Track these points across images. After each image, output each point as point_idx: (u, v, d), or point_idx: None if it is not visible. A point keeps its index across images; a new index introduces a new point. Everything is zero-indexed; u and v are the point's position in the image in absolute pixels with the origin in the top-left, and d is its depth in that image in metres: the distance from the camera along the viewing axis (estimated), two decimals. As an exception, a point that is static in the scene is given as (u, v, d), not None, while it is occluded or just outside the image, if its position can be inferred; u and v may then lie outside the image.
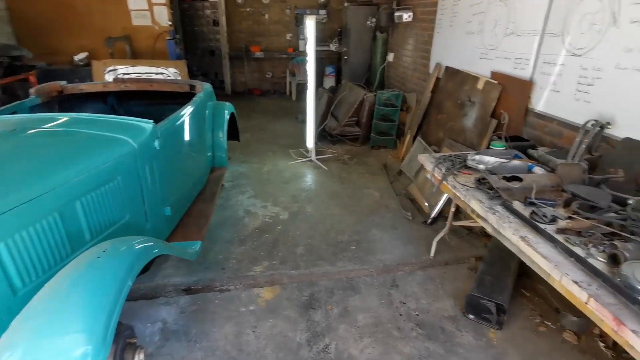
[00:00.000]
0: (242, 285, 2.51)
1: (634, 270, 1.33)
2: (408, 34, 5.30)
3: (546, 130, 2.71)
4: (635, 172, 1.92)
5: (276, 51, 8.30)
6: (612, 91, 2.15)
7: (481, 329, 2.15)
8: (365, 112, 4.99)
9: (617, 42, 2.11)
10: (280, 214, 3.39)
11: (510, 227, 1.74)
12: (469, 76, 3.60)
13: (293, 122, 6.30)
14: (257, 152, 4.92)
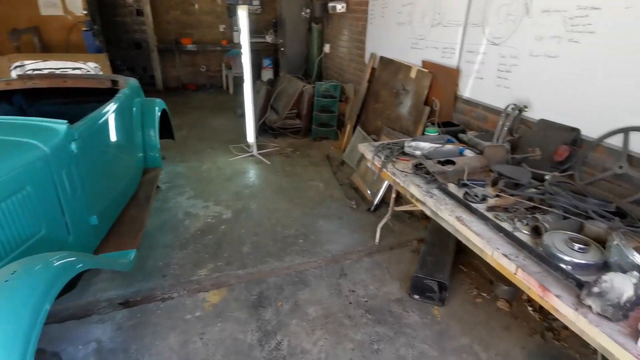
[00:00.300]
0: (186, 292, 2.38)
1: (554, 240, 1.47)
2: (342, 25, 5.34)
3: (473, 115, 2.89)
4: (550, 150, 2.11)
5: (209, 43, 7.94)
6: (528, 77, 2.34)
7: (426, 308, 2.25)
8: (305, 104, 4.96)
9: (529, 30, 2.29)
10: (223, 213, 3.26)
11: (446, 208, 1.82)
12: (402, 65, 3.72)
13: (232, 116, 6.09)
14: (194, 149, 4.69)
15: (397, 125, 3.68)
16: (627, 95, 1.79)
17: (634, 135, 1.78)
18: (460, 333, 2.08)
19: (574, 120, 2.07)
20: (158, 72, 7.66)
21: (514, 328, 2.12)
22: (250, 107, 4.28)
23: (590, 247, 1.41)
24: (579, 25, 1.97)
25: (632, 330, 1.12)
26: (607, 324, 1.16)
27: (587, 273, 1.34)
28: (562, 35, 2.07)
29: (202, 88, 8.22)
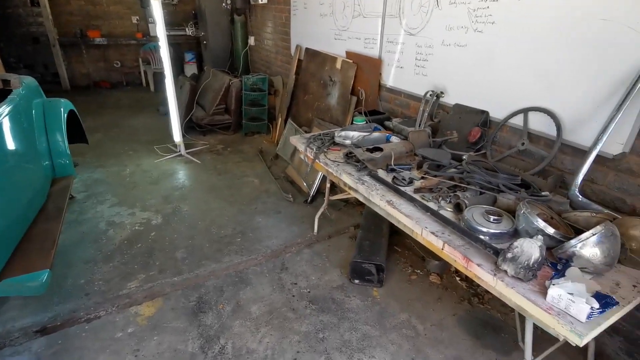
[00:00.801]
0: (115, 308, 2.19)
1: (473, 214, 1.60)
2: (266, 17, 5.24)
3: (397, 102, 3.03)
4: (465, 132, 2.29)
5: (122, 36, 7.30)
6: (442, 65, 2.50)
7: (366, 290, 2.34)
8: (233, 99, 4.80)
9: (440, 21, 2.44)
10: (152, 218, 3.05)
11: (377, 194, 1.89)
12: (327, 57, 3.76)
13: (154, 115, 5.69)
14: (114, 153, 4.30)
15: (327, 116, 3.73)
16: (525, 79, 2.00)
17: (532, 115, 2.00)
18: (398, 310, 2.20)
19: (483, 103, 2.27)
20: (62, 69, 6.86)
21: (445, 298, 2.29)
22: (174, 104, 4.03)
23: (503, 218, 1.57)
24: (482, 16, 2.15)
25: (541, 287, 1.27)
26: (520, 284, 1.29)
27: (501, 241, 1.49)
28: (468, 26, 2.24)
29: (118, 86, 7.54)
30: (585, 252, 1.28)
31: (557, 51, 1.82)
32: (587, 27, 1.68)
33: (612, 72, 1.62)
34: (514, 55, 2.03)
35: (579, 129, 1.80)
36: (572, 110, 1.81)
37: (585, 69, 1.72)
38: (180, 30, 7.17)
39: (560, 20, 1.78)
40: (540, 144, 2.02)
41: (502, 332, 2.06)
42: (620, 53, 1.58)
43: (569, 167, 1.90)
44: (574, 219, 1.52)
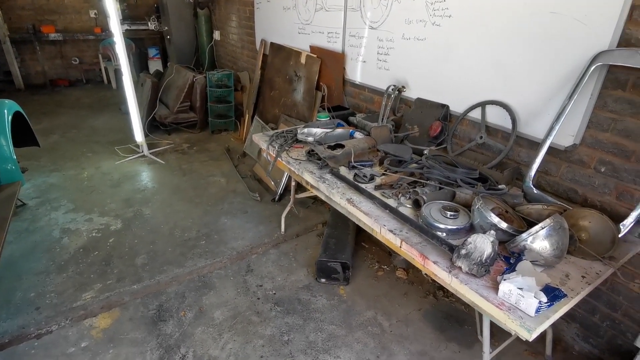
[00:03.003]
0: (68, 321, 2.07)
1: (430, 210, 1.59)
2: (230, 10, 5.09)
3: (361, 97, 3.00)
4: (426, 127, 2.29)
5: (79, 32, 6.93)
6: (403, 58, 2.49)
7: (332, 289, 2.31)
8: (198, 96, 4.65)
9: (400, 15, 2.42)
10: (110, 224, 2.91)
11: (338, 192, 1.85)
12: (292, 51, 3.69)
13: (116, 114, 5.45)
14: (71, 155, 4.08)
15: (294, 112, 3.67)
16: (482, 72, 2.00)
17: (489, 108, 2.01)
18: (365, 307, 2.19)
19: (444, 97, 2.27)
20: (15, 67, 6.45)
21: (411, 293, 2.29)
22: (134, 102, 3.85)
23: (460, 213, 1.56)
24: (439, 9, 2.13)
25: (494, 282, 1.27)
26: (474, 280, 1.29)
27: (459, 237, 1.49)
28: (427, 20, 2.23)
29: (77, 83, 7.18)
30: (536, 245, 1.29)
31: (511, 44, 1.82)
32: (537, 20, 1.69)
33: (562, 64, 1.64)
34: (471, 49, 2.03)
35: (533, 121, 1.82)
36: (526, 103, 1.83)
37: (537, 62, 1.74)
38: (142, 24, 6.89)
39: (513, 13, 1.78)
40: (498, 137, 2.04)
41: (465, 324, 2.09)
42: (569, 45, 1.60)
43: (525, 160, 1.93)
44: (527, 211, 1.54)
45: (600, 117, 1.60)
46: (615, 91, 1.54)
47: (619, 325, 1.76)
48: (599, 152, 1.63)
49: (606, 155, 1.61)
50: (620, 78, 1.51)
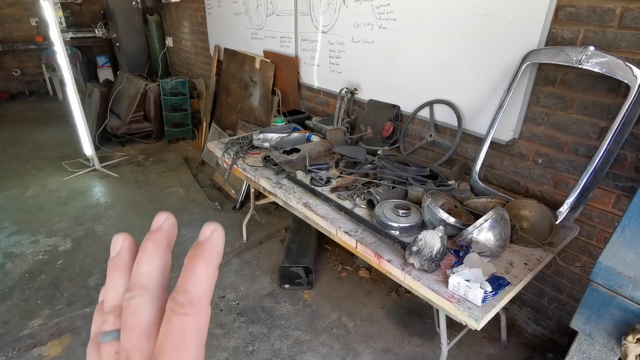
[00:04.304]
0: (15, 352, 1.93)
1: (383, 209, 1.62)
2: (181, 16, 4.96)
3: (317, 101, 3.02)
4: (379, 127, 2.34)
5: (20, 41, 6.50)
6: (354, 61, 2.53)
7: (296, 294, 2.30)
8: (152, 105, 4.49)
9: (348, 18, 2.46)
10: (59, 244, 2.74)
11: (294, 197, 1.85)
12: (246, 56, 3.65)
13: (64, 127, 5.14)
14: (13, 173, 3.81)
15: (252, 118, 3.63)
16: (428, 73, 2.08)
17: (437, 107, 2.09)
18: (329, 310, 2.19)
19: (394, 98, 2.33)
20: (-54, 80, 5.95)
21: (374, 292, 2.33)
22: (80, 114, 3.66)
23: (411, 211, 1.61)
24: (384, 13, 2.19)
25: (444, 277, 1.31)
26: (426, 276, 1.33)
27: (411, 234, 1.53)
28: (374, 23, 2.28)
29: (19, 96, 6.72)
30: (481, 237, 1.35)
31: (452, 45, 1.90)
32: (473, 23, 1.77)
33: (498, 64, 1.73)
34: (416, 50, 2.10)
35: (476, 118, 1.91)
36: (469, 100, 1.91)
37: (476, 62, 1.82)
38: (89, 31, 6.56)
39: (451, 16, 1.86)
40: (446, 134, 2.12)
41: (426, 317, 2.14)
42: (503, 46, 1.69)
43: (472, 155, 2.02)
44: (473, 205, 1.61)
45: (535, 112, 1.70)
46: (546, 87, 1.64)
47: (565, 306, 1.88)
48: (536, 145, 1.74)
49: (542, 147, 1.72)
50: (550, 75, 1.62)
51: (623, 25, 1.39)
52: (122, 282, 0.24)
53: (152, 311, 0.22)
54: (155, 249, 0.23)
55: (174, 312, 0.21)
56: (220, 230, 0.23)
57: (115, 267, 0.24)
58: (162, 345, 0.21)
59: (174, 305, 0.21)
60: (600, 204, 1.62)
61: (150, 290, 0.22)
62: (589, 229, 1.68)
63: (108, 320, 0.23)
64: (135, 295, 0.22)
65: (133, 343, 0.21)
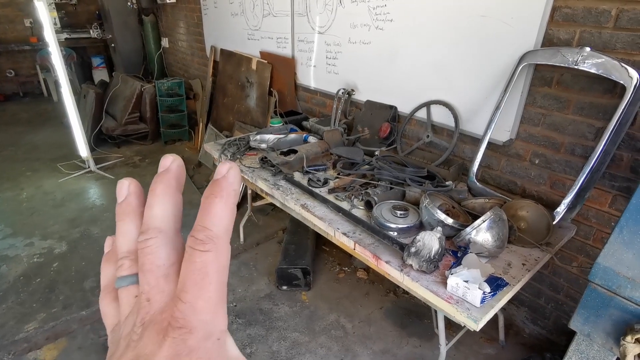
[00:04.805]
0: (10, 356, 1.91)
1: (381, 210, 1.62)
2: (177, 16, 4.94)
3: (314, 102, 3.02)
4: (377, 128, 2.34)
5: (14, 42, 6.45)
6: (351, 62, 2.53)
7: (294, 296, 2.30)
8: (148, 106, 4.47)
9: (345, 19, 2.45)
10: (54, 247, 2.72)
11: (292, 198, 1.84)
12: (242, 57, 3.64)
13: (58, 128, 5.10)
14: (8, 176, 3.78)
15: (248, 119, 3.62)
16: (425, 74, 2.08)
17: (434, 107, 2.09)
18: (327, 311, 2.19)
19: (391, 98, 2.33)
20: (-61, 82, 5.89)
21: (372, 292, 2.33)
22: (75, 115, 3.63)
23: (409, 212, 1.61)
24: (381, 14, 2.19)
25: (443, 277, 1.31)
26: (424, 277, 1.33)
27: (408, 235, 1.52)
28: (370, 24, 2.28)
29: (14, 97, 6.67)
30: (479, 238, 1.35)
31: (449, 46, 1.91)
32: (470, 24, 1.78)
33: (495, 65, 1.74)
34: (413, 51, 2.10)
35: (473, 118, 1.91)
36: (466, 101, 1.92)
37: (473, 63, 1.82)
38: (84, 32, 6.52)
39: (448, 17, 1.86)
40: (443, 135, 2.12)
41: (424, 318, 2.14)
42: (499, 47, 1.70)
43: (469, 156, 2.02)
44: (471, 206, 1.61)
45: (531, 112, 1.71)
46: (543, 88, 1.65)
47: (562, 306, 1.88)
48: (533, 145, 1.74)
49: (539, 148, 1.72)
50: (546, 76, 1.63)
51: (618, 27, 1.40)
52: (134, 226, 0.24)
53: (168, 252, 0.22)
54: (166, 191, 0.23)
55: (194, 250, 0.21)
56: (236, 168, 0.22)
57: (125, 213, 0.24)
58: (184, 283, 0.20)
59: (194, 242, 0.21)
60: (597, 204, 1.62)
61: (165, 232, 0.22)
62: (586, 229, 1.68)
63: (123, 265, 0.23)
64: (151, 237, 0.22)
65: (152, 284, 0.21)
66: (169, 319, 0.20)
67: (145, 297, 0.21)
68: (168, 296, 0.21)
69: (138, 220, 0.24)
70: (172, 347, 0.19)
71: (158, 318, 0.21)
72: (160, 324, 0.20)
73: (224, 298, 0.22)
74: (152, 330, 0.20)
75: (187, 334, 0.20)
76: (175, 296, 0.21)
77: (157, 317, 0.21)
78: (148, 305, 0.21)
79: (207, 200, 0.22)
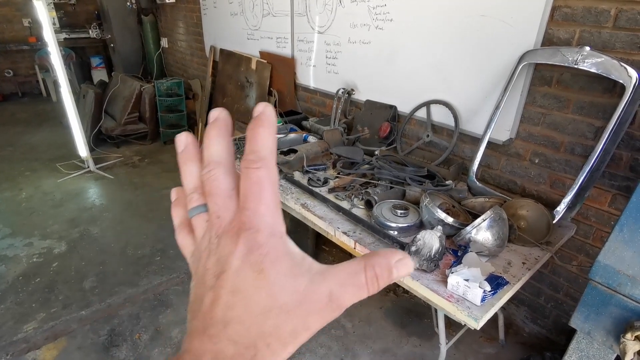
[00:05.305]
0: (9, 356, 1.91)
1: (382, 210, 1.62)
2: (176, 16, 4.94)
3: (314, 101, 3.02)
4: (376, 128, 2.34)
5: (12, 42, 6.44)
6: (350, 62, 2.53)
7: (294, 295, 2.29)
8: (147, 106, 4.46)
9: (345, 19, 2.46)
10: (54, 247, 2.71)
11: (292, 197, 1.85)
12: (242, 57, 3.64)
13: (57, 128, 5.10)
14: (6, 175, 3.77)
15: (248, 119, 3.61)
16: (425, 73, 2.08)
17: (434, 107, 2.09)
18: (327, 311, 2.19)
19: (391, 98, 2.33)
20: (-63, 82, 5.88)
21: (372, 292, 2.33)
22: (74, 115, 3.62)
23: (409, 211, 1.61)
24: (381, 13, 2.19)
25: (443, 276, 1.32)
26: (425, 276, 1.33)
27: (409, 234, 1.52)
28: (370, 23, 2.28)
29: (12, 97, 6.66)
30: (479, 237, 1.35)
31: (448, 46, 1.91)
32: (469, 23, 1.78)
33: (495, 64, 1.74)
34: (413, 51, 2.10)
35: (473, 118, 1.92)
36: (466, 101, 1.92)
37: (472, 62, 1.83)
38: (83, 32, 6.52)
39: (447, 17, 1.87)
40: (443, 134, 2.13)
41: (424, 317, 2.15)
42: (499, 46, 1.70)
43: (469, 155, 2.02)
44: (471, 205, 1.61)
45: (531, 112, 1.71)
46: (543, 87, 1.65)
47: (562, 305, 1.89)
48: (533, 144, 1.75)
49: (539, 147, 1.73)
50: (546, 75, 1.63)
51: (618, 26, 1.41)
52: (196, 168, 0.28)
53: (228, 179, 0.26)
54: (219, 133, 0.27)
55: (249, 169, 0.25)
56: (271, 106, 0.26)
57: (187, 158, 0.29)
58: (245, 196, 0.24)
59: (248, 163, 0.25)
60: (596, 203, 1.63)
61: (223, 164, 0.26)
62: (586, 228, 1.69)
63: (193, 198, 0.28)
64: (212, 168, 0.26)
65: (220, 204, 0.26)
66: (239, 224, 0.24)
67: (215, 215, 0.26)
68: (233, 212, 0.25)
69: (198, 162, 0.28)
70: (245, 244, 0.24)
71: (229, 227, 0.25)
72: (232, 231, 0.24)
73: (279, 206, 0.26)
74: (227, 237, 0.25)
75: (255, 233, 0.24)
76: (240, 207, 0.25)
77: (228, 227, 0.25)
78: (219, 221, 0.25)
79: (253, 130, 0.25)
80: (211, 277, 0.24)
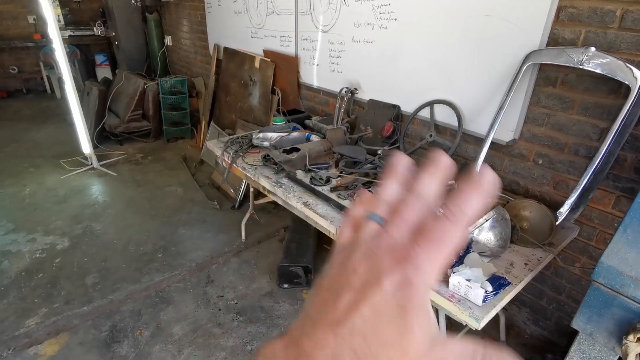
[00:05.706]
0: (10, 351, 1.92)
1: (384, 209, 1.62)
2: (181, 14, 4.95)
3: (317, 100, 3.02)
4: (379, 127, 2.34)
5: (17, 38, 6.46)
6: (354, 61, 2.53)
7: (295, 294, 2.30)
8: (151, 103, 4.48)
9: (349, 18, 2.46)
10: (56, 243, 2.72)
11: (294, 196, 1.85)
12: (246, 56, 3.64)
13: (62, 125, 5.12)
14: (10, 172, 3.79)
15: (251, 117, 3.62)
16: (429, 73, 2.08)
17: (437, 107, 2.09)
18: (328, 310, 2.18)
19: (395, 98, 2.33)
20: (-57, 78, 5.92)
21: (373, 292, 2.32)
22: (78, 112, 3.64)
23: (412, 210, 1.60)
24: (385, 13, 2.19)
25: (444, 276, 1.31)
26: (426, 275, 1.32)
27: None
28: (374, 22, 2.28)
29: (16, 94, 6.69)
30: (482, 237, 1.34)
31: (452, 46, 1.90)
32: (474, 23, 1.77)
33: (499, 64, 1.73)
34: (417, 50, 2.10)
35: (477, 118, 1.91)
36: (470, 101, 1.91)
37: (476, 62, 1.82)
38: (87, 29, 6.54)
39: (451, 17, 1.86)
40: (446, 134, 2.12)
41: (426, 317, 2.14)
42: (504, 46, 1.69)
43: (472, 155, 2.02)
44: (474, 205, 1.60)
45: (535, 112, 1.70)
46: (547, 88, 1.64)
47: (564, 307, 1.88)
48: (536, 145, 1.74)
49: (542, 148, 1.72)
50: (551, 75, 1.62)
51: (623, 27, 1.40)
52: (397, 187, 0.29)
53: (421, 215, 0.26)
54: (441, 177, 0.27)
55: (449, 219, 0.24)
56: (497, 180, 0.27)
57: (395, 176, 0.29)
58: (428, 237, 0.24)
59: (452, 214, 0.25)
60: (600, 204, 1.62)
61: (425, 200, 0.27)
62: (589, 229, 1.68)
63: (381, 207, 0.28)
64: (418, 200, 0.27)
65: (399, 226, 0.26)
66: (406, 254, 0.24)
67: (389, 232, 0.26)
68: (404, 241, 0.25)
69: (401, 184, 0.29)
70: (401, 273, 0.24)
71: (395, 250, 0.25)
72: (397, 254, 0.24)
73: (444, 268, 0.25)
74: (389, 255, 0.25)
75: (415, 270, 0.24)
76: (416, 242, 0.25)
77: (395, 249, 0.25)
78: (389, 237, 0.26)
79: (472, 191, 0.25)
80: (358, 280, 0.24)
